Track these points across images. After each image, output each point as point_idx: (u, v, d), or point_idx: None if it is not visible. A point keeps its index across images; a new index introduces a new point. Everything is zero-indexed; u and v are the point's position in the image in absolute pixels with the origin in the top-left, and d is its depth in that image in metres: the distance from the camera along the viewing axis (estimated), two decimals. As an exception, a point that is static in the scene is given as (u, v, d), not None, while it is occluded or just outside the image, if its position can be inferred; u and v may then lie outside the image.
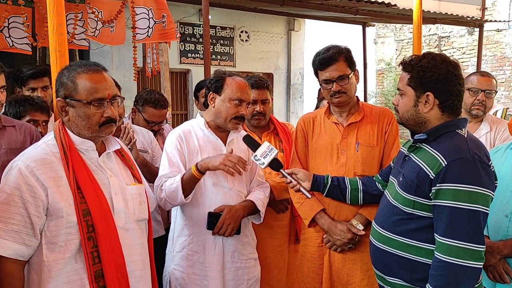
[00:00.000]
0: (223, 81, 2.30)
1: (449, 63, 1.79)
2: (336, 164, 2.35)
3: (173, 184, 2.16)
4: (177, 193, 2.15)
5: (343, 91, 2.30)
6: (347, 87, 2.30)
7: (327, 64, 2.29)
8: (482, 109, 2.95)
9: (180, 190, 2.14)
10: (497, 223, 2.00)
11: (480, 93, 2.92)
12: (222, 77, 2.31)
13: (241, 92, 2.28)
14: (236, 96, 2.27)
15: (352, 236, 2.26)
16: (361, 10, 7.01)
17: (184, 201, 2.18)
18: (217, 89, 2.30)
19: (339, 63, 2.28)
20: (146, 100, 3.10)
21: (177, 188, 2.14)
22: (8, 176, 1.60)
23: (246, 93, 2.31)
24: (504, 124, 2.98)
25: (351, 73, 2.31)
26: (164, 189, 2.20)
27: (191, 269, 2.26)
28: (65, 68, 1.73)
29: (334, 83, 2.29)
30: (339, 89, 2.29)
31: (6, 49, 3.76)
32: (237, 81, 2.30)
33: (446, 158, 1.69)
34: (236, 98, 2.27)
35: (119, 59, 7.10)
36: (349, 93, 2.32)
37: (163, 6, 4.14)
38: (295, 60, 9.30)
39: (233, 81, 2.29)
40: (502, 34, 10.83)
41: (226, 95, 2.28)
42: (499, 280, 1.98)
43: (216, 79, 2.32)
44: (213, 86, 2.31)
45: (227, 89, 2.28)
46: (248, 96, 2.32)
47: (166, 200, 2.21)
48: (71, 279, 1.60)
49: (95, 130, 1.68)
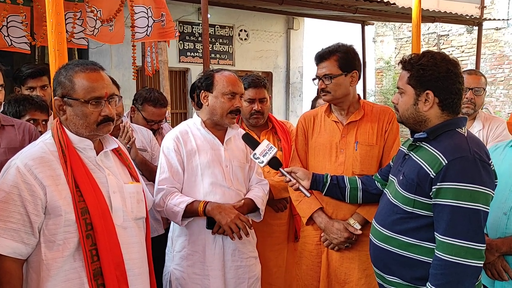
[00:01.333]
0: (212, 78, 2.31)
1: (449, 62, 1.79)
2: (335, 163, 2.34)
3: (176, 207, 2.18)
4: (176, 216, 2.18)
5: (327, 90, 2.29)
6: (331, 87, 2.28)
7: (319, 60, 2.32)
8: (472, 107, 2.97)
9: (180, 216, 2.17)
10: (496, 220, 2.00)
11: (468, 92, 2.94)
12: (211, 74, 2.33)
13: (232, 85, 2.28)
14: (228, 90, 2.27)
15: (349, 235, 2.26)
16: (360, 8, 7.01)
17: (180, 225, 2.23)
18: (208, 86, 2.31)
19: (328, 62, 2.28)
20: (145, 99, 3.09)
21: (178, 214, 2.17)
22: (6, 175, 1.60)
23: (237, 85, 2.31)
24: (497, 121, 2.99)
25: (340, 74, 2.27)
26: (166, 204, 2.21)
27: (192, 269, 2.26)
28: (63, 67, 1.74)
29: (320, 80, 2.30)
30: (322, 87, 2.30)
31: (4, 48, 3.76)
32: (226, 76, 2.31)
33: (446, 157, 1.69)
34: (228, 92, 2.27)
35: (118, 58, 7.10)
36: (333, 94, 2.30)
37: (162, 5, 4.14)
38: (294, 59, 9.29)
39: (222, 76, 2.30)
40: (501, 32, 10.84)
41: (218, 91, 2.29)
42: (498, 277, 1.98)
43: (205, 77, 2.34)
44: (204, 84, 2.32)
45: (217, 84, 2.29)
46: (240, 88, 2.33)
47: (163, 212, 2.25)
48: (69, 277, 1.60)
49: (92, 129, 1.68)
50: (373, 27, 13.11)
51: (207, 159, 2.28)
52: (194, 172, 2.28)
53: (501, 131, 2.89)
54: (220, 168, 2.29)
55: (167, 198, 2.21)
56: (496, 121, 2.98)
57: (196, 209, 2.17)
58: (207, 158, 2.28)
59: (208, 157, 2.28)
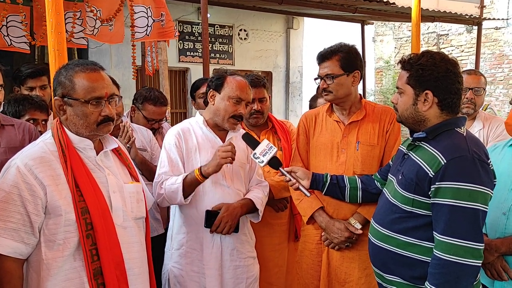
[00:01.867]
0: (224, 80, 2.31)
1: (448, 61, 1.79)
2: (336, 163, 2.35)
3: (174, 185, 2.18)
4: (177, 194, 2.17)
5: (329, 90, 2.30)
6: (333, 87, 2.29)
7: (320, 60, 2.33)
8: (472, 107, 2.97)
9: (180, 191, 2.16)
10: (495, 220, 2.00)
11: (468, 91, 2.94)
12: (223, 76, 2.33)
13: (240, 90, 2.28)
14: (235, 94, 2.27)
15: (350, 234, 2.26)
16: (360, 8, 7.01)
17: (183, 202, 2.20)
18: (217, 87, 2.31)
19: (330, 61, 2.29)
20: (145, 98, 3.09)
21: (178, 189, 2.16)
22: (6, 175, 1.60)
23: (246, 92, 2.31)
24: (497, 121, 2.99)
25: (342, 74, 2.28)
26: (164, 187, 2.21)
27: (190, 267, 2.27)
28: (63, 67, 1.74)
29: (322, 80, 2.30)
30: (324, 87, 2.30)
31: (4, 48, 3.76)
32: (237, 80, 2.31)
33: (445, 156, 1.69)
34: (235, 97, 2.27)
35: (117, 57, 7.09)
36: (335, 93, 2.31)
37: (162, 5, 4.14)
38: (294, 58, 9.29)
39: (233, 80, 2.31)
40: (501, 32, 10.83)
41: (225, 93, 2.29)
42: (497, 277, 1.98)
43: (217, 77, 2.34)
44: (214, 84, 2.33)
45: (227, 87, 2.29)
46: (248, 96, 2.33)
47: (164, 198, 2.23)
48: (70, 277, 1.60)
49: (93, 129, 1.69)
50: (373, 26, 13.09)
51: (207, 158, 2.28)
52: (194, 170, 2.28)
53: (501, 131, 2.89)
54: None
55: (163, 183, 2.23)
56: (496, 121, 2.99)
57: (193, 177, 2.17)
58: (208, 157, 2.28)
59: (208, 155, 2.28)
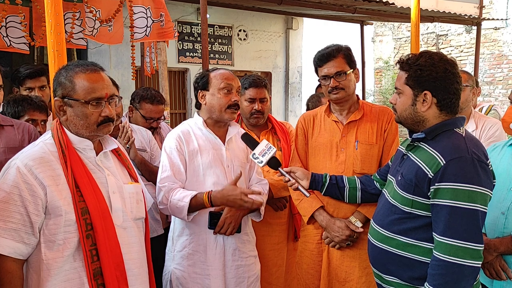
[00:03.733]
0: (208, 77, 2.34)
1: (447, 62, 1.79)
2: (335, 162, 2.36)
3: (180, 202, 2.17)
4: (181, 212, 2.17)
5: (340, 87, 2.31)
6: (345, 84, 2.31)
7: (325, 60, 2.33)
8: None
9: (186, 210, 2.16)
10: (494, 220, 2.00)
11: None
12: (206, 74, 2.36)
13: (227, 79, 2.31)
14: (223, 85, 2.29)
15: (350, 233, 2.27)
16: (359, 8, 7.01)
17: (186, 220, 2.20)
18: (204, 85, 2.34)
19: (337, 59, 2.31)
20: (142, 97, 3.10)
21: (183, 208, 2.16)
22: (6, 175, 1.60)
23: (232, 80, 2.33)
24: (490, 122, 2.97)
25: (350, 70, 2.32)
26: (170, 200, 2.20)
27: (192, 268, 2.27)
28: (63, 67, 1.74)
29: (332, 79, 2.31)
30: (336, 85, 2.31)
31: (3, 48, 3.77)
32: (221, 72, 2.34)
33: (444, 157, 1.69)
34: (224, 87, 2.29)
35: (117, 58, 7.09)
36: (347, 90, 2.33)
37: (161, 5, 4.14)
38: (293, 59, 9.29)
39: (217, 73, 2.34)
40: (500, 32, 10.84)
41: (213, 87, 2.31)
42: (496, 277, 1.99)
43: (201, 77, 2.37)
44: (200, 84, 2.35)
45: (213, 82, 2.32)
46: (235, 82, 2.35)
47: (167, 209, 2.23)
48: (70, 277, 1.60)
49: (93, 130, 1.69)
50: (372, 27, 13.09)
51: (209, 159, 2.28)
52: (196, 172, 2.28)
53: (493, 133, 2.88)
54: (222, 168, 2.30)
55: (170, 194, 2.21)
56: (490, 122, 2.97)
57: (201, 203, 2.16)
58: (209, 158, 2.29)
59: (210, 157, 2.29)
